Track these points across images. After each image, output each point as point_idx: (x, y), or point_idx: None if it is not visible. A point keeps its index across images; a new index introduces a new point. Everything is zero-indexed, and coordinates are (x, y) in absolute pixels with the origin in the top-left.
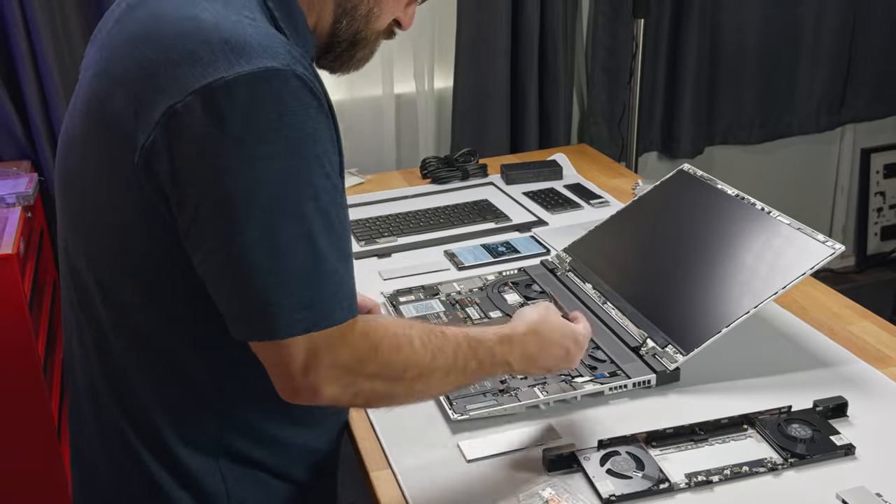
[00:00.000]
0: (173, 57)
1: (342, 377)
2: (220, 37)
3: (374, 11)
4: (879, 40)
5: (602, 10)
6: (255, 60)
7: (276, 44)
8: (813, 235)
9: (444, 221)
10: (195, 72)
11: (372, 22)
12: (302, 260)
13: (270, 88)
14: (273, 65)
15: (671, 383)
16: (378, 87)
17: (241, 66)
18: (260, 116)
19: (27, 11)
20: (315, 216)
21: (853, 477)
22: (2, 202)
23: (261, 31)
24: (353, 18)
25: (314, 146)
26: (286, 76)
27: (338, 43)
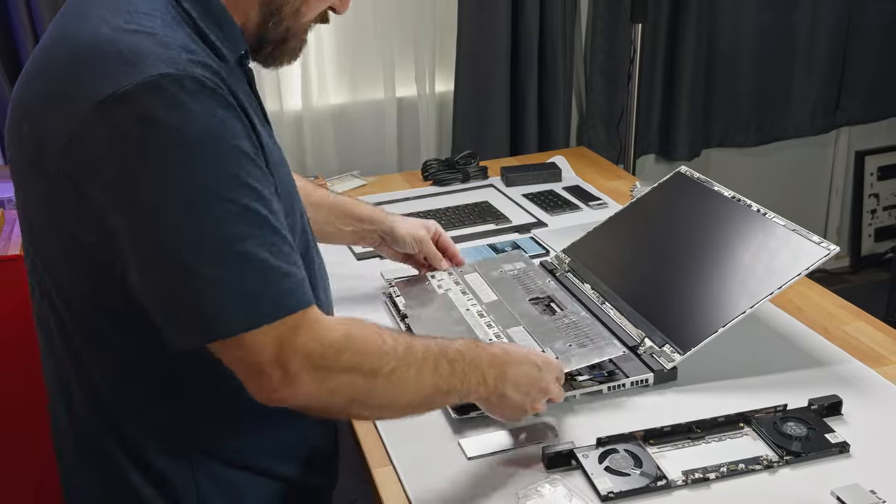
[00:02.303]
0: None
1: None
2: (116, 50)
3: (302, 10)
4: (873, 45)
5: (600, 15)
6: (150, 68)
7: (172, 50)
8: (808, 237)
9: (444, 223)
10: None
11: (300, 18)
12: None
13: (167, 94)
14: (167, 70)
15: (669, 382)
16: (380, 91)
17: (136, 75)
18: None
19: (35, 15)
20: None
21: (848, 474)
22: (9, 204)
23: (157, 41)
24: (280, 17)
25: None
26: (181, 80)
27: (268, 42)
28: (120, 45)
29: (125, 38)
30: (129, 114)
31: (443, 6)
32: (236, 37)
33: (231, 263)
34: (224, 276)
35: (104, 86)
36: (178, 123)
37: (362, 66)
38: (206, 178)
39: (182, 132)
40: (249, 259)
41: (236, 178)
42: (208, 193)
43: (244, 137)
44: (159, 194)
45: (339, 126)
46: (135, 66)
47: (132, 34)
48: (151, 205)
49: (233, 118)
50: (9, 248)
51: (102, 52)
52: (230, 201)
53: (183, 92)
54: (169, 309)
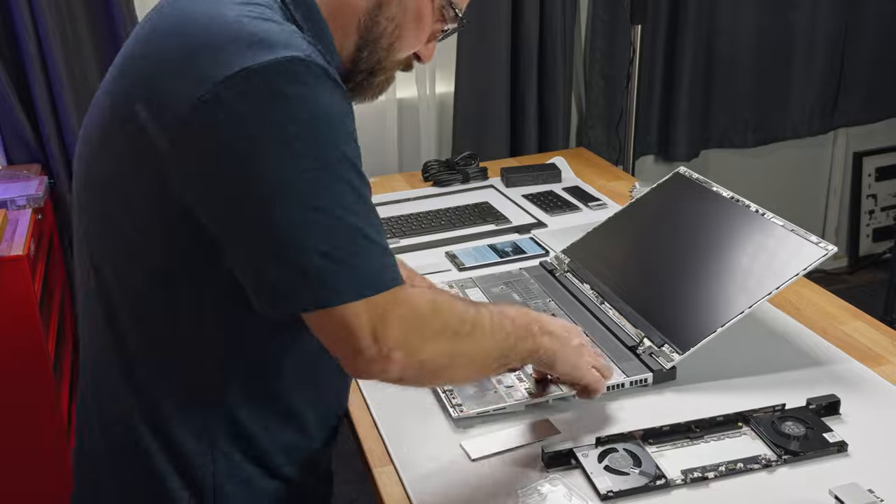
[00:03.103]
0: (196, 51)
1: (411, 338)
2: (244, 30)
3: (396, 45)
4: (871, 46)
5: (600, 17)
6: (278, 50)
7: (299, 39)
8: (806, 237)
9: (445, 223)
10: (217, 64)
11: (393, 54)
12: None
13: (295, 75)
14: (296, 54)
15: (667, 382)
16: None
17: (263, 55)
18: (287, 101)
19: (37, 17)
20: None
21: (846, 473)
22: (13, 204)
23: (284, 29)
24: (374, 49)
25: (340, 127)
26: (308, 64)
27: (358, 71)
28: (249, 27)
29: (253, 22)
30: (260, 87)
31: None
32: (334, 57)
33: (340, 235)
34: (333, 247)
35: (235, 61)
36: (305, 101)
37: None
38: (324, 154)
39: (308, 109)
40: (356, 233)
41: (349, 160)
42: (325, 168)
43: (353, 123)
44: (281, 164)
45: None
46: (265, 47)
47: (258, 20)
48: (272, 172)
49: (346, 104)
50: (12, 249)
51: (232, 32)
52: (342, 178)
53: (310, 74)
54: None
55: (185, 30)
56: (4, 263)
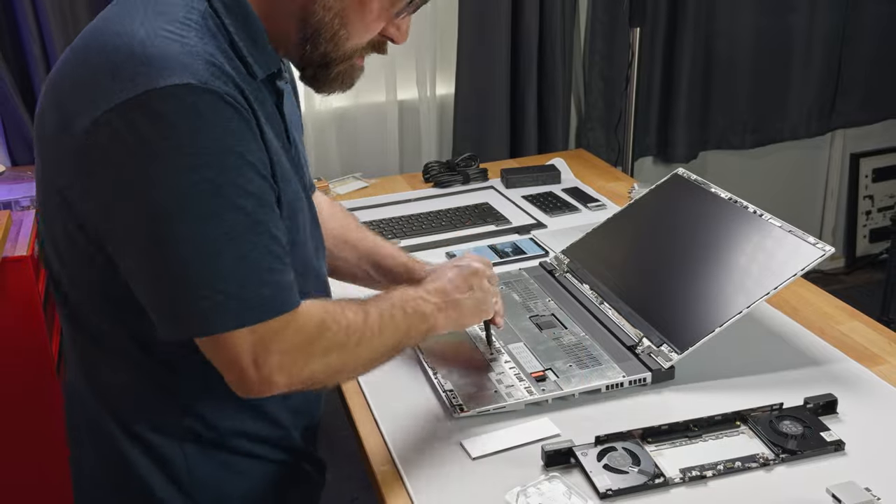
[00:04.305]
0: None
1: (295, 361)
2: (144, 53)
3: (342, 34)
4: (868, 48)
5: (599, 19)
6: (173, 77)
7: (198, 62)
8: (804, 238)
9: (445, 224)
10: (114, 87)
11: (341, 44)
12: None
13: (186, 103)
14: (190, 81)
15: (666, 381)
16: (381, 94)
17: (159, 81)
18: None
19: (41, 19)
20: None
21: (843, 472)
22: (16, 205)
23: (186, 49)
24: (316, 42)
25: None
26: (200, 92)
27: (309, 65)
28: (149, 50)
29: (157, 42)
30: (146, 117)
31: (443, 10)
32: (269, 55)
33: (225, 264)
34: (217, 276)
35: (126, 88)
36: (191, 131)
37: (364, 69)
38: (210, 184)
39: (193, 139)
40: (245, 262)
41: (240, 187)
42: (211, 197)
43: (254, 151)
44: (164, 193)
45: (342, 129)
46: (159, 72)
47: (164, 40)
48: (155, 202)
49: (246, 130)
50: (16, 249)
51: (132, 54)
52: (232, 206)
53: (200, 102)
54: (160, 301)
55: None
56: (8, 264)
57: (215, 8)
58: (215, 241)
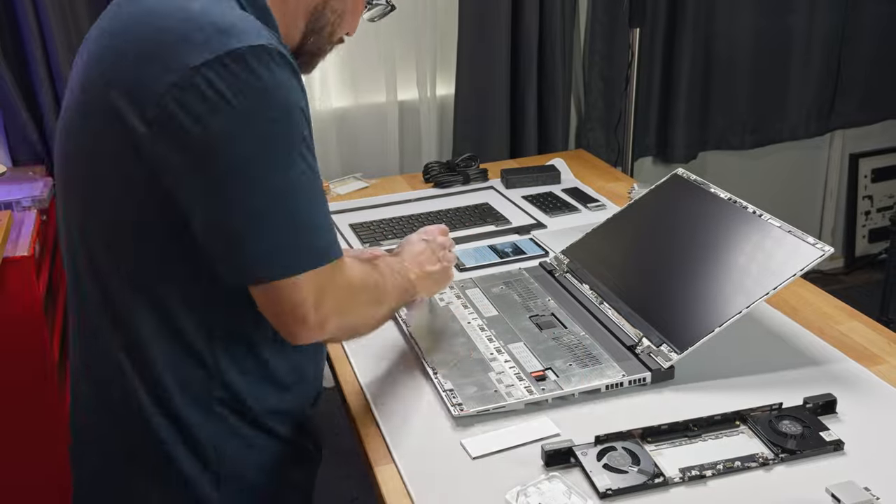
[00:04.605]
0: (168, 40)
1: (344, 307)
2: (209, 21)
3: (336, 32)
4: (867, 49)
5: (599, 20)
6: (244, 39)
7: (260, 28)
8: (803, 238)
9: (446, 224)
10: (190, 52)
11: (333, 38)
12: (303, 207)
13: (260, 62)
14: (261, 42)
15: (666, 381)
16: (382, 95)
17: (232, 43)
18: (253, 87)
19: (41, 18)
20: (305, 171)
21: (842, 472)
22: (18, 205)
23: (245, 18)
24: (319, 37)
25: (299, 114)
26: (272, 52)
27: (302, 54)
28: (214, 18)
29: (217, 11)
30: (231, 73)
31: (443, 11)
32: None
33: (298, 211)
34: (291, 223)
35: (205, 49)
36: (272, 87)
37: (364, 70)
38: (289, 138)
39: (275, 95)
40: (308, 212)
41: (305, 142)
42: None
43: (307, 109)
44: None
45: (342, 129)
46: (230, 36)
47: (221, 10)
48: (237, 154)
49: (302, 91)
50: (17, 250)
51: (200, 21)
52: (303, 160)
53: (273, 62)
54: (238, 247)
55: (152, 20)
56: (9, 264)
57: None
58: (289, 190)
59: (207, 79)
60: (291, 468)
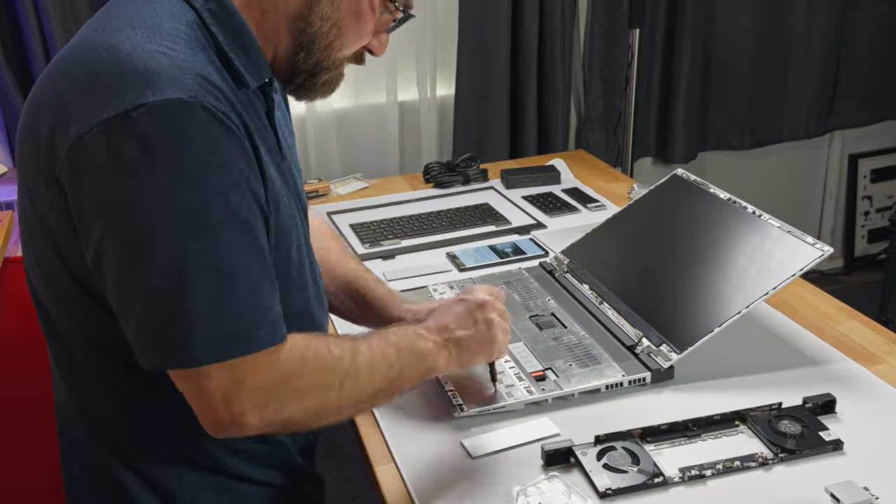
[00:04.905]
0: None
1: (268, 403)
2: (133, 67)
3: (335, 44)
4: (866, 49)
5: (599, 21)
6: (161, 92)
7: (187, 76)
8: (802, 238)
9: (446, 224)
10: (103, 102)
11: (333, 53)
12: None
13: (175, 119)
14: (179, 96)
15: (665, 381)
16: (382, 95)
17: (148, 96)
18: (164, 147)
19: (42, 19)
20: (223, 245)
21: (841, 471)
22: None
23: (175, 63)
24: (310, 51)
25: (222, 175)
26: (191, 107)
27: (298, 73)
28: (137, 63)
29: (144, 56)
30: (133, 134)
31: (444, 12)
32: (260, 65)
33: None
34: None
35: (114, 103)
36: (178, 148)
37: (364, 71)
38: (197, 206)
39: (180, 157)
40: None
41: (229, 210)
42: (196, 219)
43: (245, 169)
44: (149, 215)
45: (342, 129)
46: (147, 87)
47: (152, 53)
48: (140, 225)
49: (236, 148)
50: (18, 250)
51: (120, 67)
52: (219, 231)
53: (189, 118)
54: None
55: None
56: (9, 265)
57: (203, 18)
58: (197, 266)
59: (112, 136)
60: None
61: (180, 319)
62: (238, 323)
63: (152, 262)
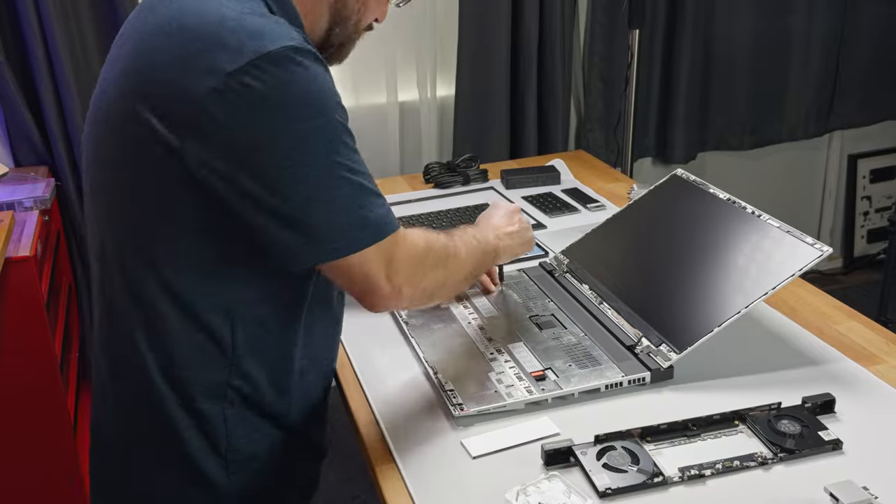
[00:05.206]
0: (205, 45)
1: (415, 273)
2: (241, 25)
3: (361, 19)
4: (866, 50)
5: (599, 21)
6: (276, 41)
7: (290, 29)
8: (802, 238)
9: (446, 224)
10: (226, 57)
11: (359, 26)
12: (352, 190)
13: (294, 62)
14: (291, 43)
15: (665, 381)
16: (382, 95)
17: (266, 46)
18: (291, 86)
19: (44, 20)
20: (349, 156)
21: (841, 471)
22: (20, 206)
23: (278, 21)
24: (344, 26)
25: (335, 105)
26: (304, 51)
27: (329, 46)
28: (245, 23)
29: (248, 17)
30: (269, 74)
31: (444, 13)
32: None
33: (349, 192)
34: (344, 204)
35: (242, 53)
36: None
37: (365, 71)
38: (329, 125)
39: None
40: (361, 189)
41: (344, 126)
42: (332, 137)
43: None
44: (292, 140)
45: None
46: (262, 39)
47: (252, 16)
48: (286, 148)
49: (333, 83)
50: (19, 250)
51: (232, 27)
52: (344, 143)
53: (307, 59)
54: (294, 236)
55: (185, 27)
56: (12, 264)
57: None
58: (339, 175)
59: (244, 83)
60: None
61: (335, 217)
62: (378, 212)
63: (303, 176)
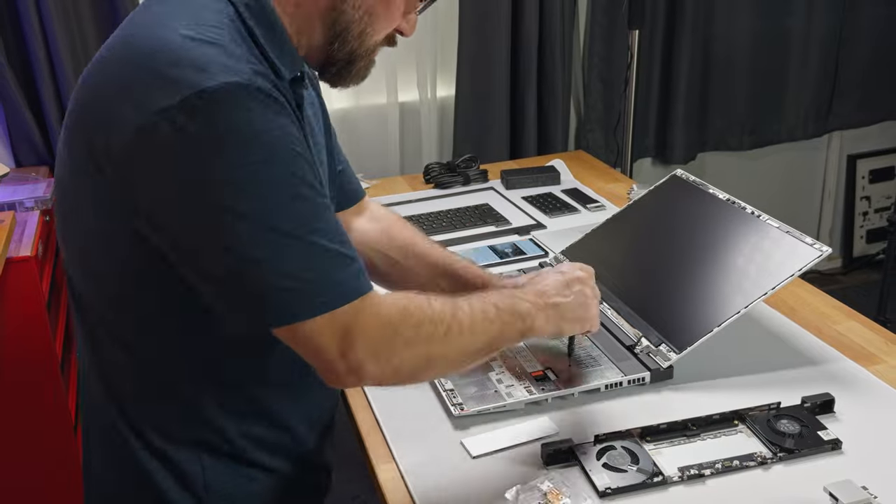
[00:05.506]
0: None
1: (381, 350)
2: (186, 56)
3: (368, 31)
4: (865, 50)
5: (599, 22)
6: (217, 76)
7: (238, 62)
8: (801, 238)
9: (446, 225)
10: (160, 91)
11: (366, 40)
12: (303, 248)
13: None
14: (235, 79)
15: (665, 380)
16: (382, 96)
17: (203, 83)
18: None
19: (45, 21)
20: (301, 210)
21: (840, 471)
22: (21, 206)
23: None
24: (345, 40)
25: (287, 147)
26: (249, 88)
27: (334, 63)
28: (191, 53)
29: (195, 46)
30: (201, 115)
31: (444, 13)
32: (294, 58)
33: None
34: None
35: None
36: (246, 126)
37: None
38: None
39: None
40: (314, 249)
41: (298, 176)
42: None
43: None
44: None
45: (343, 130)
46: (204, 73)
47: (201, 44)
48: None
49: (291, 125)
50: (20, 250)
51: (175, 57)
52: (295, 195)
53: (250, 99)
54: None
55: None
56: (13, 264)
57: (240, 12)
58: (283, 233)
59: (176, 123)
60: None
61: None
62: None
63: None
